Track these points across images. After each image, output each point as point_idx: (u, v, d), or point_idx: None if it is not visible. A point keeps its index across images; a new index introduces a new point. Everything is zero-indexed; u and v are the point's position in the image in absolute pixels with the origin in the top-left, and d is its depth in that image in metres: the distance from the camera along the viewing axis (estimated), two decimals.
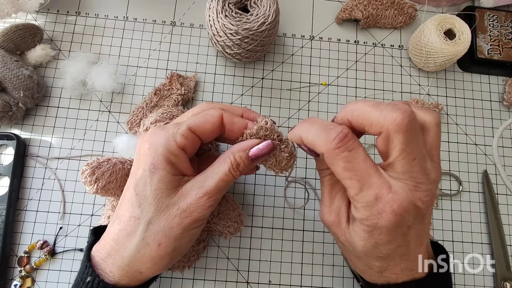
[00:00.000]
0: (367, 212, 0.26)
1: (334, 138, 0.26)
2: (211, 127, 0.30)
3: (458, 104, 0.51)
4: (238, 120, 0.31)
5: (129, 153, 0.45)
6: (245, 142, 0.31)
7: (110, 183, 0.35)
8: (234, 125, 0.31)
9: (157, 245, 0.28)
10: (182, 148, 0.29)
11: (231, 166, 0.29)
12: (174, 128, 0.29)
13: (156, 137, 0.29)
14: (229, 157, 0.30)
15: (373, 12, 0.52)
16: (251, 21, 0.43)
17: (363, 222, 0.27)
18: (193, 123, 0.30)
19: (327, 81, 0.51)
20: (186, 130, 0.29)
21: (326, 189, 0.31)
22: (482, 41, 0.51)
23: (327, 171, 0.31)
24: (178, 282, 0.43)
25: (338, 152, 0.26)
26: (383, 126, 0.25)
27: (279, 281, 0.44)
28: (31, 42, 0.47)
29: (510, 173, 0.49)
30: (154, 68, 0.50)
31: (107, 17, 0.51)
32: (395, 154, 0.26)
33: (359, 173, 0.26)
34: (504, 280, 0.44)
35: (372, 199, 0.25)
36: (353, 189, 0.26)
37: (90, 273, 0.29)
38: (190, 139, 0.30)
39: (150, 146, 0.29)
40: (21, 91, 0.43)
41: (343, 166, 0.26)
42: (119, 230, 0.29)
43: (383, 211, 0.25)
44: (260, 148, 0.30)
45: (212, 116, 0.30)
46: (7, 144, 0.45)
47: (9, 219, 0.42)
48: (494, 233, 0.46)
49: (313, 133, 0.28)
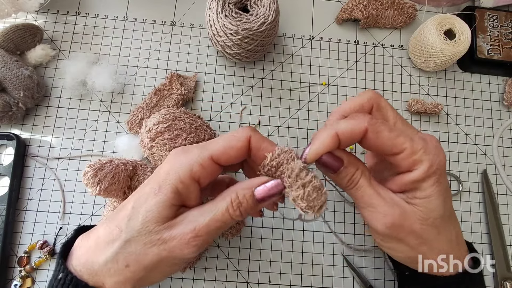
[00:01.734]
0: (427, 155, 0.27)
1: (365, 116, 0.28)
2: (236, 154, 0.28)
3: (458, 104, 0.51)
4: (266, 146, 0.28)
5: (130, 154, 0.45)
6: (252, 179, 0.27)
7: (112, 184, 0.35)
8: (260, 152, 0.28)
9: (125, 266, 0.26)
10: (196, 179, 0.27)
11: (231, 205, 0.26)
12: (195, 155, 0.27)
13: (176, 161, 0.28)
14: (230, 194, 0.27)
15: (373, 12, 0.52)
16: (251, 21, 0.43)
17: (430, 170, 0.27)
18: (217, 150, 0.27)
19: (327, 81, 0.51)
20: (207, 160, 0.27)
21: (368, 190, 0.29)
22: (482, 41, 0.51)
23: (358, 173, 0.29)
24: (178, 282, 0.43)
25: (376, 121, 0.27)
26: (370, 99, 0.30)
27: (279, 281, 0.44)
28: (31, 42, 0.47)
29: (510, 173, 0.49)
30: (154, 68, 0.50)
31: (107, 17, 0.51)
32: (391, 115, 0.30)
33: (400, 129, 0.29)
34: (504, 280, 0.44)
35: (423, 141, 0.28)
36: (408, 142, 0.27)
37: (62, 270, 0.28)
38: (208, 170, 0.27)
39: (167, 168, 0.27)
40: (21, 91, 0.43)
41: (388, 128, 0.27)
42: (103, 233, 0.28)
43: (434, 145, 0.28)
44: (268, 187, 0.27)
45: (239, 141, 0.28)
46: (7, 144, 0.45)
47: (9, 219, 0.42)
48: (494, 233, 0.46)
49: (344, 125, 0.27)
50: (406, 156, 0.27)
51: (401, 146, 0.27)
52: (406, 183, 0.29)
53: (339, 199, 0.47)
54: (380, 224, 0.29)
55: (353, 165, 0.29)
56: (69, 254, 0.29)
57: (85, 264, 0.28)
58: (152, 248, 0.26)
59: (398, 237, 0.29)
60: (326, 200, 0.27)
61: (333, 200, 0.47)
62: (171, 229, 0.26)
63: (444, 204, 0.29)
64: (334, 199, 0.47)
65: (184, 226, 0.26)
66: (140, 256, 0.26)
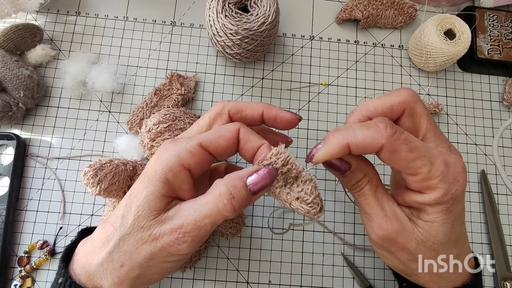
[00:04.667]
0: (444, 184, 0.25)
1: (386, 127, 0.25)
2: (226, 144, 0.27)
3: (458, 104, 0.51)
4: (253, 139, 0.27)
5: (130, 154, 0.45)
6: (242, 170, 0.26)
7: (112, 184, 0.35)
8: (247, 144, 0.27)
9: (120, 265, 0.26)
10: (186, 166, 0.26)
11: (220, 199, 0.24)
12: (183, 143, 0.27)
13: (164, 151, 0.27)
14: (218, 187, 0.25)
15: (373, 12, 0.52)
16: (251, 21, 0.43)
17: (442, 199, 0.25)
18: (206, 138, 0.27)
19: (327, 81, 0.51)
20: (196, 146, 0.26)
21: (371, 199, 0.28)
22: (482, 41, 0.51)
23: (364, 181, 0.28)
24: (178, 282, 0.43)
25: (397, 137, 0.25)
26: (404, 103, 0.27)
27: (279, 281, 0.44)
28: (31, 42, 0.47)
29: (510, 173, 0.49)
30: (154, 68, 0.50)
31: (107, 17, 0.51)
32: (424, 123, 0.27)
33: (422, 149, 0.25)
34: (504, 280, 0.44)
35: (444, 167, 0.25)
36: (426, 167, 0.25)
37: (62, 274, 0.28)
38: (198, 157, 0.26)
39: (155, 159, 0.27)
40: (21, 91, 0.43)
41: (408, 148, 0.25)
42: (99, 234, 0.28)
43: (457, 173, 0.25)
44: (261, 175, 0.25)
45: (228, 131, 0.27)
46: (7, 144, 0.45)
47: (9, 219, 0.42)
48: (493, 233, 0.46)
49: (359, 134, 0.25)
50: (419, 180, 0.26)
51: (415, 170, 0.25)
52: (413, 202, 0.27)
53: (339, 199, 0.47)
54: (373, 233, 0.28)
55: (360, 171, 0.28)
56: (72, 258, 0.29)
57: (83, 267, 0.27)
58: (144, 245, 0.25)
59: (390, 250, 0.29)
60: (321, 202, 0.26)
61: (333, 200, 0.47)
62: (162, 224, 0.25)
63: (450, 231, 0.27)
64: (334, 199, 0.47)
65: (174, 222, 0.25)
66: (133, 255, 0.25)
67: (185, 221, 0.24)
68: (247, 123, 0.29)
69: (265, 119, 0.30)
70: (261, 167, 0.26)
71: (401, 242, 0.27)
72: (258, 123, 0.31)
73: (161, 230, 0.25)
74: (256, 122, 0.31)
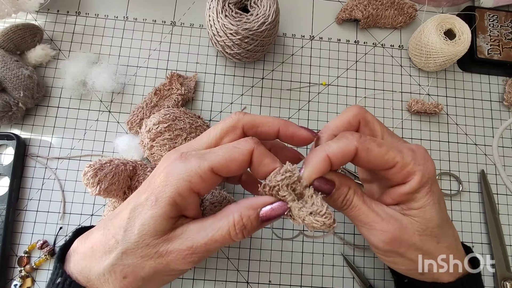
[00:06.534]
0: (418, 165, 0.28)
1: (353, 134, 0.28)
2: (237, 168, 0.26)
3: (458, 104, 0.51)
4: (267, 162, 0.27)
5: (130, 154, 0.45)
6: (256, 198, 0.27)
7: (112, 185, 0.35)
8: (261, 167, 0.27)
9: (122, 277, 0.26)
10: (195, 191, 0.26)
11: (233, 227, 0.25)
12: (195, 165, 0.26)
13: (173, 170, 0.26)
14: (233, 214, 0.26)
15: (373, 12, 0.52)
16: (251, 21, 0.43)
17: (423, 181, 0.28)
18: (217, 162, 0.26)
19: (327, 81, 0.51)
20: (207, 172, 0.26)
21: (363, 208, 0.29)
22: (482, 41, 0.51)
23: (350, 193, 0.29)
24: (178, 282, 0.43)
25: (364, 138, 0.27)
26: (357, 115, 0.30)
27: (279, 281, 0.44)
28: (31, 42, 0.47)
29: (510, 173, 0.49)
30: (154, 68, 0.50)
31: (107, 17, 0.51)
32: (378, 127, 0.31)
33: (388, 143, 0.29)
34: (504, 280, 0.44)
35: (411, 152, 0.28)
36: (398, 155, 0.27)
37: (60, 274, 0.28)
38: (208, 182, 0.26)
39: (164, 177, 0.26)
40: (21, 91, 0.43)
41: (377, 144, 0.27)
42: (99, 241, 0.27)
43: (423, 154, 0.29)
44: (274, 209, 0.26)
45: (241, 153, 0.26)
46: (7, 144, 0.45)
47: (9, 219, 0.42)
48: (493, 233, 0.46)
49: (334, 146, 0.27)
50: (398, 169, 0.28)
51: (392, 161, 0.28)
52: (401, 195, 0.29)
53: None
54: (379, 241, 0.29)
55: (345, 185, 0.29)
56: (67, 257, 0.29)
57: (82, 271, 0.28)
58: (149, 261, 0.26)
59: (399, 251, 0.29)
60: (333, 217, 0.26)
61: None
62: (168, 243, 0.26)
63: (440, 212, 0.29)
64: None
65: (181, 242, 0.26)
66: (137, 268, 0.26)
67: (195, 243, 0.25)
68: (261, 138, 0.29)
69: (281, 136, 0.30)
70: (276, 200, 0.26)
71: (407, 238, 0.28)
72: (273, 138, 0.30)
73: (167, 248, 0.26)
74: (271, 138, 0.30)
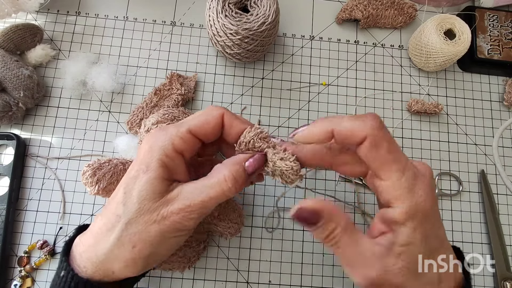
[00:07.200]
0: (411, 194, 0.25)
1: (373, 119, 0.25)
2: (212, 129, 0.30)
3: (458, 104, 0.51)
4: (237, 123, 0.30)
5: (130, 154, 0.45)
6: (236, 156, 0.30)
7: (111, 184, 0.35)
8: (232, 128, 0.30)
9: (132, 246, 0.27)
10: (179, 151, 0.28)
11: (224, 182, 0.28)
12: (174, 130, 0.29)
13: (155, 139, 0.29)
14: (222, 172, 0.28)
15: (373, 12, 0.52)
16: (251, 21, 0.43)
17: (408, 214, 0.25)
18: (194, 124, 0.29)
19: (327, 81, 0.51)
20: (185, 133, 0.29)
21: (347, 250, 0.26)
22: (482, 41, 0.51)
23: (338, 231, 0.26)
24: (178, 282, 0.43)
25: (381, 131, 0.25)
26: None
27: (279, 281, 0.44)
28: (31, 42, 0.47)
29: (510, 173, 0.49)
30: (154, 68, 0.50)
31: (107, 17, 0.51)
32: None
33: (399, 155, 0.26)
34: (504, 280, 0.44)
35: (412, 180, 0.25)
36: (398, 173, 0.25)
37: (64, 267, 0.29)
38: (189, 142, 0.29)
39: (148, 147, 0.28)
40: (21, 91, 0.43)
41: (388, 148, 0.25)
42: (100, 226, 0.28)
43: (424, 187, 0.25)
44: (256, 159, 0.29)
45: (213, 117, 0.30)
46: (7, 144, 0.45)
47: (9, 219, 0.42)
48: (493, 233, 0.46)
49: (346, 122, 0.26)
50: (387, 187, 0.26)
51: (389, 173, 0.25)
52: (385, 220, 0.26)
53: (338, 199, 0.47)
54: (360, 282, 0.27)
55: (333, 221, 0.26)
56: (70, 253, 0.30)
57: (89, 259, 0.28)
58: (154, 225, 0.27)
59: None
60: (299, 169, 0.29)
61: (332, 200, 0.47)
62: (168, 205, 0.27)
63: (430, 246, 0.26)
64: (334, 200, 0.47)
65: (180, 202, 0.27)
66: (143, 234, 0.27)
67: (192, 201, 0.27)
68: None
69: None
70: (254, 153, 0.29)
71: (390, 279, 0.26)
72: None
73: (168, 210, 0.27)
74: None
